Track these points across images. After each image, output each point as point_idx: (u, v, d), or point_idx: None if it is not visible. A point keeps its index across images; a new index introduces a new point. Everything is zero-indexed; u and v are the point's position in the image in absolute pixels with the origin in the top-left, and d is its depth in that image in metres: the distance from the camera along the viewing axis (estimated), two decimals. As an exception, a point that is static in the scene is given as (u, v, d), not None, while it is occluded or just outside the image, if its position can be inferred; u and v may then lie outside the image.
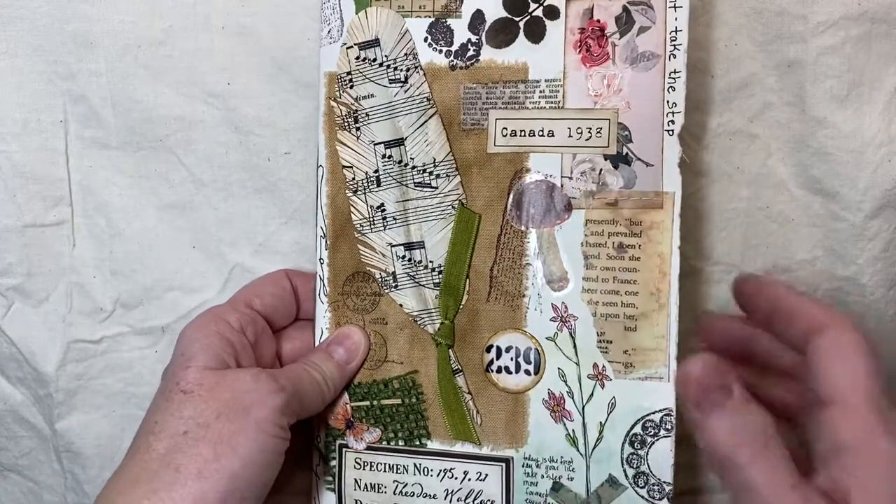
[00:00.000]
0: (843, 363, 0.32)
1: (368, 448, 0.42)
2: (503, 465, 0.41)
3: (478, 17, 0.40)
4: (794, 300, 0.35)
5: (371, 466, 0.42)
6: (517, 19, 0.40)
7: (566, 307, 0.40)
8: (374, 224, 0.42)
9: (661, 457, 0.39)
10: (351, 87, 0.41)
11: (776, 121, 0.43)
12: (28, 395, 0.49)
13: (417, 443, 0.42)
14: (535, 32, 0.40)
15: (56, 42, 0.44)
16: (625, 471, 0.40)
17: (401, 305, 0.42)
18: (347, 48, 0.41)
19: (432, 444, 0.42)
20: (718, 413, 0.33)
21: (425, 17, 0.41)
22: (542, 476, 0.41)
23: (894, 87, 0.42)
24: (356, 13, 0.41)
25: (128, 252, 0.46)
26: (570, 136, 0.39)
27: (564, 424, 0.40)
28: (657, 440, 0.39)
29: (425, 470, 0.42)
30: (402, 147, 0.41)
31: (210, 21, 0.44)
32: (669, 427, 0.39)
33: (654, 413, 0.39)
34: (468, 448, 0.41)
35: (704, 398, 0.33)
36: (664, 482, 0.39)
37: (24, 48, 0.44)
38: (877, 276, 0.43)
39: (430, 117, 0.41)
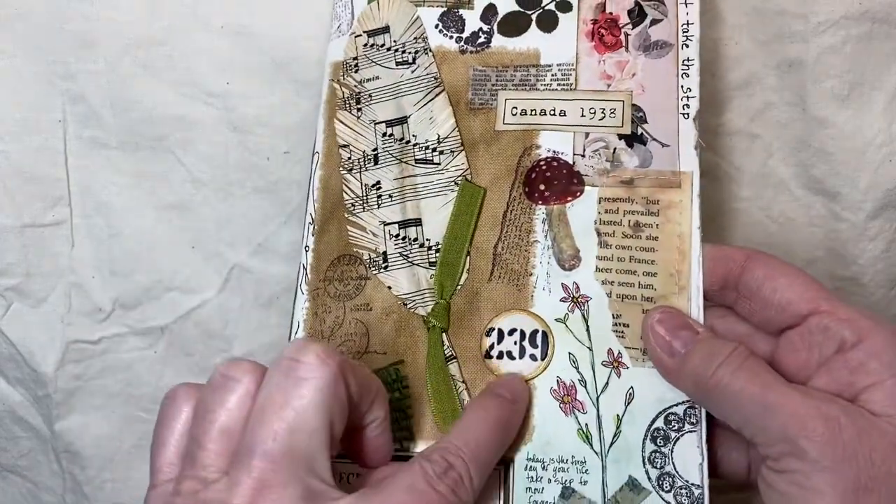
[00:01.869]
0: (797, 279, 0.34)
1: (341, 456, 0.34)
2: (500, 468, 0.35)
3: (490, 9, 0.41)
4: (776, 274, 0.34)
5: (350, 478, 0.36)
6: (529, 12, 0.40)
7: (578, 287, 0.37)
8: (367, 202, 0.40)
9: (688, 454, 0.34)
10: (356, 70, 0.41)
11: (777, 120, 0.43)
12: (27, 396, 0.49)
13: (398, 446, 0.36)
14: (548, 23, 0.40)
15: (55, 42, 0.44)
16: (647, 472, 0.34)
17: (389, 288, 0.39)
18: (356, 37, 0.41)
19: (417, 449, 0.36)
20: (690, 349, 0.33)
21: (437, 6, 0.41)
22: (550, 480, 0.34)
23: (895, 87, 0.42)
24: (368, 4, 0.41)
25: (127, 252, 0.46)
26: (582, 115, 0.39)
27: (576, 417, 0.35)
28: (682, 435, 0.34)
29: None
30: (404, 125, 0.40)
31: (210, 21, 0.44)
32: (695, 421, 0.34)
33: (677, 405, 0.34)
34: None
35: (673, 339, 0.33)
36: (693, 484, 0.33)
37: (23, 48, 0.44)
38: (878, 276, 0.43)
39: (436, 95, 0.40)
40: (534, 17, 0.40)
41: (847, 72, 0.41)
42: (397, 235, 0.39)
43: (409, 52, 0.41)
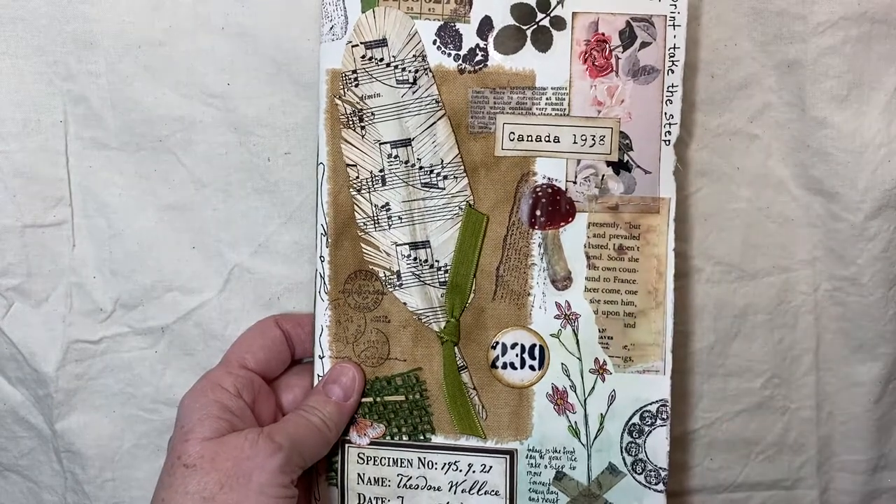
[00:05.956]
0: None
1: (372, 443, 0.43)
2: (507, 456, 0.43)
3: (486, 23, 0.41)
4: None
5: (375, 461, 0.43)
6: (524, 27, 0.41)
7: (569, 305, 0.42)
8: (378, 223, 0.42)
9: (658, 444, 0.42)
10: (356, 85, 0.42)
11: (776, 121, 0.43)
12: (28, 396, 0.49)
13: (422, 437, 0.43)
14: (542, 41, 0.41)
15: (56, 42, 0.44)
16: (624, 458, 0.42)
17: (404, 304, 0.43)
18: (353, 46, 0.41)
19: (437, 439, 0.43)
20: None
21: (434, 20, 0.41)
22: (546, 466, 0.43)
23: (894, 88, 0.42)
24: (363, 12, 0.41)
25: (127, 252, 0.46)
26: (574, 142, 0.41)
27: (567, 416, 0.42)
28: (654, 429, 0.42)
29: (430, 463, 0.43)
30: (409, 147, 0.42)
31: (210, 21, 0.44)
32: (665, 417, 0.42)
33: (651, 404, 0.42)
34: (473, 441, 0.43)
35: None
36: (660, 468, 0.42)
37: (24, 49, 0.44)
38: (877, 276, 0.44)
39: (438, 119, 0.42)
40: (529, 33, 0.41)
41: (846, 72, 0.41)
42: (408, 256, 0.43)
43: (410, 71, 0.41)
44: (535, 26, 0.41)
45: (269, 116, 0.44)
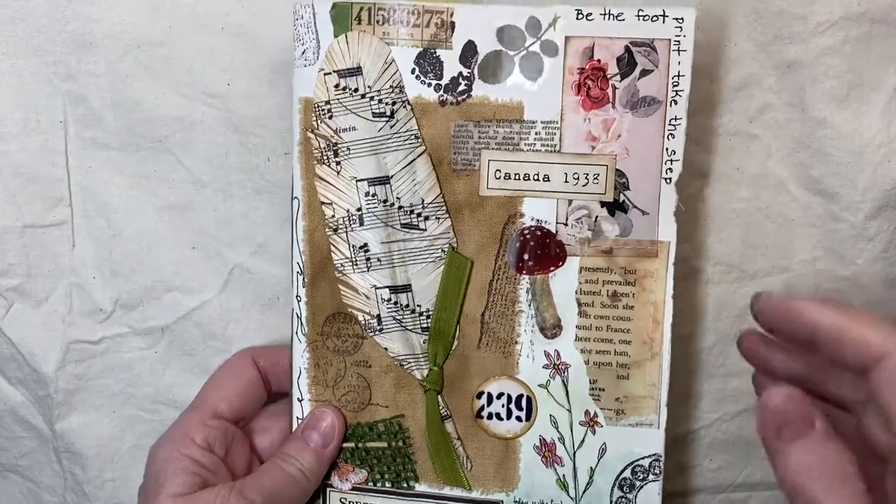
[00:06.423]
0: (868, 321, 0.31)
1: (354, 489, 0.42)
2: None
3: (469, 48, 0.38)
4: (839, 324, 0.32)
5: None
6: (512, 53, 0.38)
7: (559, 355, 0.40)
8: (356, 265, 0.40)
9: (650, 500, 0.40)
10: (330, 117, 0.39)
11: (776, 121, 0.43)
12: (28, 396, 0.49)
13: (405, 485, 0.42)
14: (532, 69, 0.38)
15: (56, 43, 0.44)
16: None
17: (386, 349, 0.41)
18: (325, 74, 0.39)
19: (421, 487, 0.41)
20: (798, 444, 0.31)
21: (412, 46, 0.38)
22: None
23: (894, 88, 0.42)
24: (335, 36, 0.38)
25: (127, 253, 0.46)
26: (566, 181, 0.38)
27: (555, 469, 0.41)
28: (646, 484, 0.40)
29: None
30: (387, 185, 0.39)
31: (210, 22, 0.44)
32: (658, 472, 0.40)
33: (643, 458, 0.40)
34: (458, 492, 0.41)
35: (785, 428, 0.32)
36: None
37: (23, 49, 0.44)
38: (876, 276, 0.44)
39: (418, 155, 0.39)
40: (517, 59, 0.38)
41: (846, 72, 0.41)
42: (389, 300, 0.40)
43: (387, 103, 0.39)
44: (524, 52, 0.38)
45: (270, 117, 0.44)
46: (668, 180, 0.38)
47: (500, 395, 0.40)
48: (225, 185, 0.45)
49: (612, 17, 0.37)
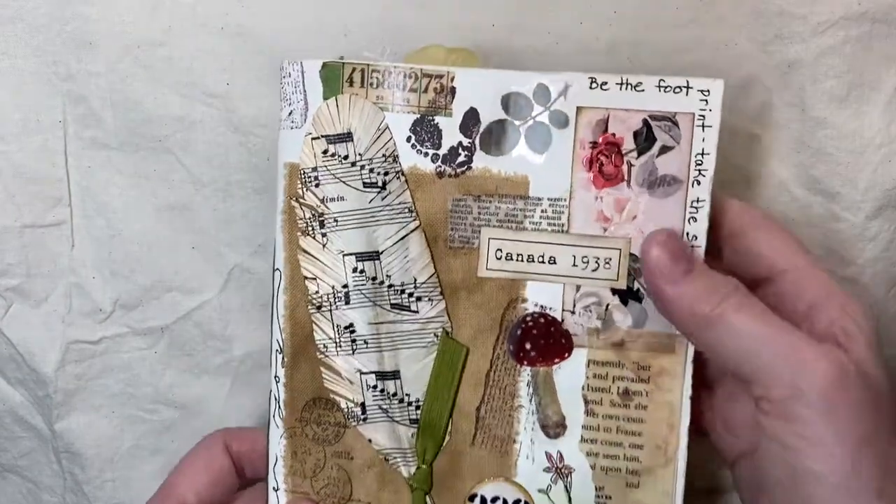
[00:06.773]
0: (777, 235, 0.33)
1: None
2: None
3: (471, 116, 0.35)
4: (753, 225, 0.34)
5: None
6: (518, 123, 0.35)
7: (562, 457, 0.36)
8: (341, 346, 0.37)
9: None
10: (316, 185, 0.36)
11: (776, 121, 0.43)
12: (27, 396, 0.49)
13: None
14: (539, 141, 0.35)
15: (56, 43, 0.44)
16: None
17: (370, 441, 0.37)
18: (313, 139, 0.36)
19: None
20: (689, 277, 0.32)
21: (409, 112, 0.35)
22: None
23: (894, 88, 0.42)
24: (325, 99, 0.36)
25: (127, 253, 0.46)
26: (574, 264, 0.35)
27: None
28: None
29: None
30: (377, 262, 0.36)
31: (209, 22, 0.44)
32: None
33: None
34: None
35: (673, 265, 0.32)
36: None
37: (23, 49, 0.44)
38: (877, 276, 0.44)
39: (411, 231, 0.36)
40: (523, 130, 0.35)
41: (846, 72, 0.41)
42: (375, 387, 0.37)
43: (379, 173, 0.36)
44: (531, 122, 0.35)
45: (270, 117, 0.44)
46: None
47: (494, 499, 0.37)
48: (225, 185, 0.45)
49: (629, 86, 0.34)
